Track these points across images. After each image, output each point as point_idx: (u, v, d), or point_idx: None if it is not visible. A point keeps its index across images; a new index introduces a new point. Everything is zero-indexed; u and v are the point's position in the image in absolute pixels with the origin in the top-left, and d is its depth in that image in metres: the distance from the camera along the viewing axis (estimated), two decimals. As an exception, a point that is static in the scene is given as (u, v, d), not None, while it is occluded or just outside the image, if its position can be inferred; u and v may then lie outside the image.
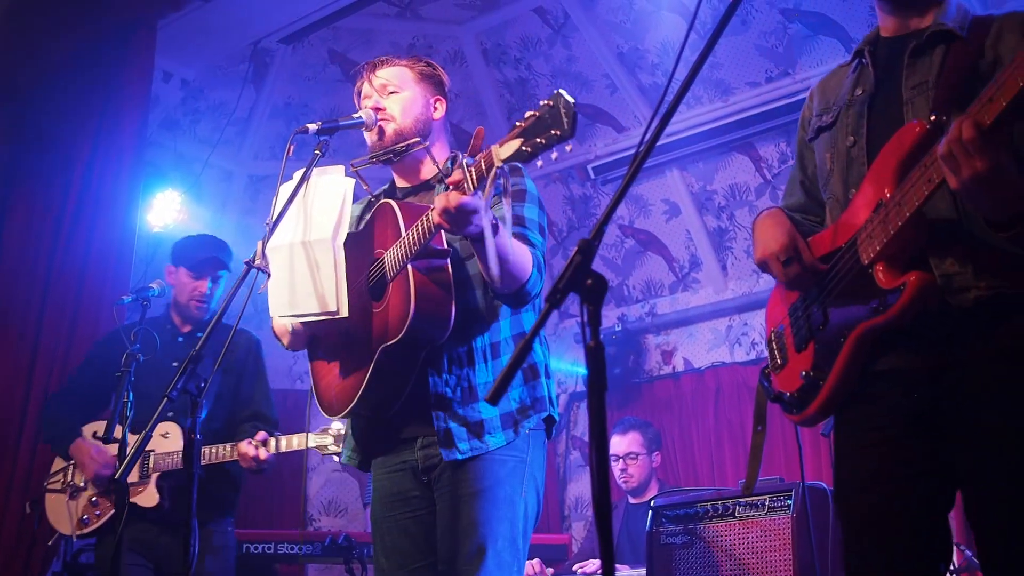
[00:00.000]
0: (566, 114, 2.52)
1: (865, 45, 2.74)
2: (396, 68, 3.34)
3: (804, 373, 2.64)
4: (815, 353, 2.64)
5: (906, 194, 2.36)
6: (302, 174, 3.12)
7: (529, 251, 3.00)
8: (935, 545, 2.53)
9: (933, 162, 2.29)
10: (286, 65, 7.56)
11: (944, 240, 2.43)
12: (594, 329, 1.72)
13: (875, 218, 2.44)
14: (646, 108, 7.44)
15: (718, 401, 7.70)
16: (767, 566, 4.39)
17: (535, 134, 2.56)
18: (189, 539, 2.80)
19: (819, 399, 2.61)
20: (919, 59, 2.57)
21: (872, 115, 2.63)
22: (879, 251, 2.42)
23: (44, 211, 6.33)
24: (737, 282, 7.81)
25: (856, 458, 2.62)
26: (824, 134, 2.76)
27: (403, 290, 2.95)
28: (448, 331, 2.99)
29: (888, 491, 2.53)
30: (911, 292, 2.38)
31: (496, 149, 2.62)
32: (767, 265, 2.69)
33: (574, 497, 8.41)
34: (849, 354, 2.52)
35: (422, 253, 2.93)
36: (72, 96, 6.44)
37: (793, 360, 2.74)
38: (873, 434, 2.57)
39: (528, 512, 3.13)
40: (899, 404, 2.53)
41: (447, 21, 7.55)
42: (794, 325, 2.75)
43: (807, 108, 2.91)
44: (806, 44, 6.77)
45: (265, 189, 7.97)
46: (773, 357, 2.83)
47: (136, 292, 4.74)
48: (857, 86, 2.70)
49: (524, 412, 3.12)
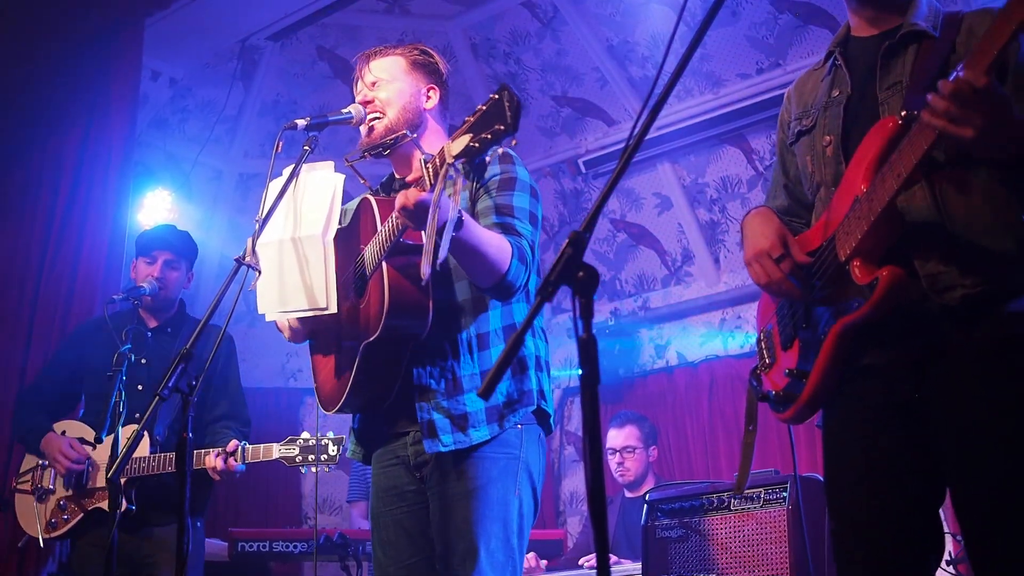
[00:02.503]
0: (509, 107, 2.51)
1: (836, 46, 2.75)
2: (388, 59, 3.31)
3: (788, 371, 2.65)
4: (799, 351, 2.65)
5: (877, 188, 2.38)
6: (291, 170, 3.10)
7: (509, 241, 2.96)
8: (926, 539, 2.54)
9: (899, 157, 2.32)
10: (274, 62, 7.54)
11: (927, 241, 2.44)
12: (586, 322, 1.71)
13: (851, 214, 2.46)
14: (636, 101, 7.43)
15: (712, 394, 7.70)
16: (763, 558, 4.39)
17: (482, 129, 2.55)
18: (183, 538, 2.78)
19: (803, 396, 2.61)
20: (892, 59, 2.59)
21: (848, 115, 2.64)
22: (855, 247, 2.44)
23: (34, 212, 6.32)
24: (730, 275, 7.81)
25: (843, 454, 2.64)
26: (804, 137, 2.77)
27: (379, 288, 2.95)
28: (427, 325, 2.97)
29: (876, 487, 2.54)
30: (884, 286, 2.38)
31: (448, 146, 2.62)
32: (756, 262, 2.65)
33: (569, 492, 8.41)
34: (830, 350, 2.52)
35: (396, 249, 2.92)
36: (60, 97, 6.43)
37: (780, 358, 2.75)
38: (859, 429, 2.58)
39: (524, 510, 3.10)
40: (885, 399, 2.54)
41: (435, 16, 7.54)
42: (781, 324, 2.77)
43: (785, 111, 2.92)
44: (797, 34, 6.76)
45: (255, 187, 7.95)
46: (762, 357, 2.85)
47: (127, 291, 4.71)
48: (833, 87, 2.71)
49: (510, 406, 3.09)
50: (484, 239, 2.87)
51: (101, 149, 6.27)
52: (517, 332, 1.79)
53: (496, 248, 2.91)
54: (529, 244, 3.04)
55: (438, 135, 3.33)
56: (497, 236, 2.95)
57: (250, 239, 2.92)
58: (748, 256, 2.68)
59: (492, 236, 2.93)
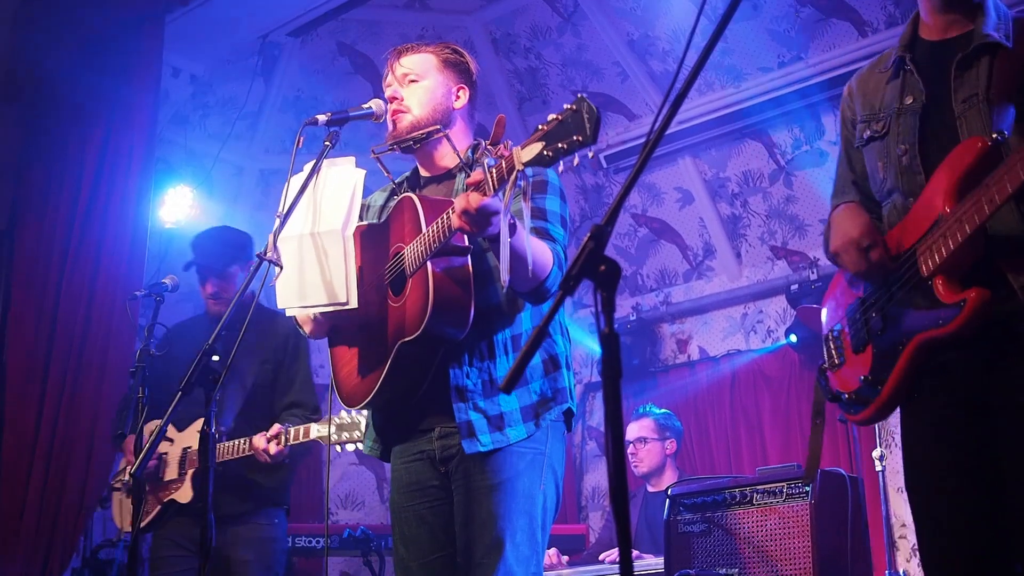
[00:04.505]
0: (589, 119, 2.46)
1: (904, 51, 2.77)
2: (420, 55, 3.30)
3: (863, 377, 2.75)
4: (874, 357, 2.73)
5: (966, 211, 2.44)
6: (312, 166, 3.10)
7: (549, 248, 2.97)
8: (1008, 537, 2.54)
9: (995, 183, 2.37)
10: (295, 58, 7.55)
11: (1018, 254, 2.51)
12: (608, 316, 1.71)
13: (935, 232, 2.52)
14: (658, 96, 7.40)
15: (734, 389, 7.67)
16: (786, 553, 4.38)
17: (557, 139, 2.51)
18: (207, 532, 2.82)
19: (877, 403, 2.72)
20: (966, 71, 2.62)
21: (924, 126, 2.68)
22: (939, 265, 2.51)
23: (57, 209, 6.35)
24: (751, 269, 7.78)
25: (920, 452, 2.71)
26: (876, 143, 2.81)
27: (422, 288, 2.93)
28: (467, 329, 2.97)
29: (952, 485, 2.59)
30: (972, 308, 2.46)
31: (518, 152, 2.58)
32: (844, 252, 2.72)
33: (591, 487, 8.40)
34: (907, 362, 2.62)
35: (442, 251, 2.91)
36: (82, 94, 6.45)
37: (850, 361, 2.84)
38: (934, 430, 2.66)
39: (547, 504, 3.11)
40: (955, 398, 2.61)
41: (456, 11, 7.54)
42: (851, 326, 2.84)
43: (847, 106, 2.96)
44: (818, 28, 6.72)
45: (276, 183, 7.96)
46: (830, 356, 2.93)
47: (149, 287, 4.76)
48: (905, 93, 2.74)
49: (545, 404, 3.10)
50: (531, 246, 2.85)
51: (123, 146, 6.29)
52: (539, 326, 1.78)
53: (540, 254, 2.91)
54: (563, 248, 3.06)
55: (465, 135, 3.32)
56: (541, 243, 2.95)
57: (271, 235, 2.93)
58: (836, 245, 2.77)
59: (537, 243, 2.92)
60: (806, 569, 4.30)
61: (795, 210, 7.43)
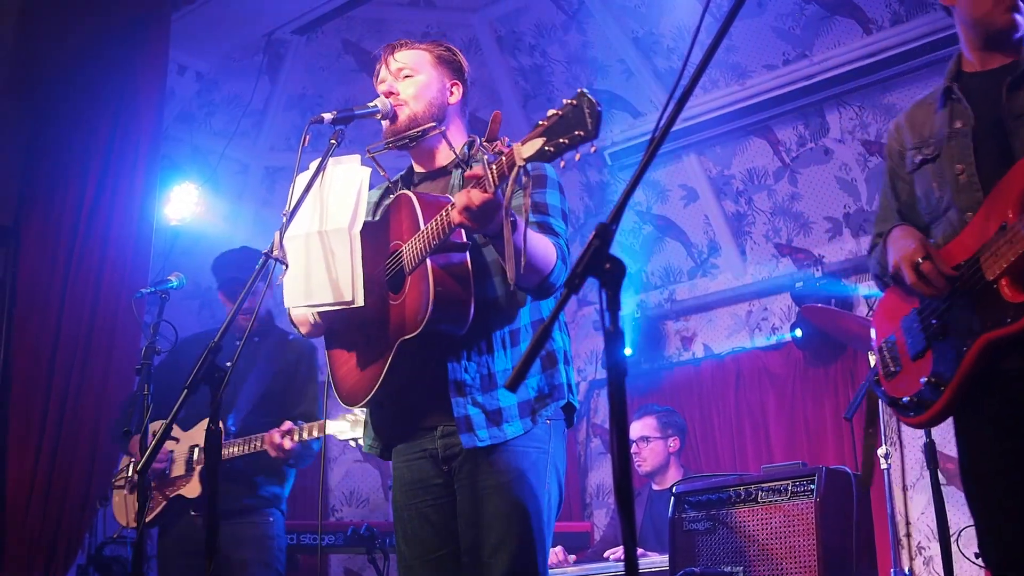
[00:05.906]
0: (590, 114, 2.47)
1: (951, 82, 3.01)
2: (413, 51, 3.31)
3: (925, 379, 2.88)
4: (935, 362, 2.89)
5: None
6: (318, 164, 3.11)
7: (552, 242, 2.97)
8: None
9: None
10: (300, 56, 7.55)
11: None
12: (613, 314, 1.71)
13: (1000, 238, 2.70)
14: (662, 93, 7.39)
15: (738, 386, 7.66)
16: (791, 551, 4.38)
17: (558, 134, 2.51)
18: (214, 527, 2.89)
19: (941, 402, 2.85)
20: (1016, 92, 2.87)
21: (978, 145, 2.89)
22: (1005, 268, 2.67)
23: (62, 205, 6.36)
24: (756, 267, 7.77)
25: (977, 448, 2.86)
26: (928, 166, 3.01)
27: (421, 285, 2.93)
28: (467, 326, 2.97)
29: (1016, 475, 2.74)
30: None
31: (518, 147, 2.58)
32: (905, 264, 2.87)
33: (595, 485, 8.39)
34: (973, 362, 2.76)
35: (441, 247, 2.91)
36: (87, 91, 6.46)
37: (908, 368, 3.00)
38: (993, 427, 2.80)
39: (551, 503, 3.11)
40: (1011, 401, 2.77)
41: (460, 8, 7.53)
42: (908, 334, 3.01)
43: (894, 140, 3.18)
44: (823, 25, 6.72)
45: (282, 180, 7.96)
46: (886, 365, 3.10)
47: (154, 285, 4.77)
48: (954, 119, 2.96)
49: (542, 400, 3.10)
50: (533, 241, 2.86)
51: (128, 143, 6.30)
52: (545, 324, 1.78)
53: (543, 250, 2.92)
54: (565, 243, 3.06)
55: (460, 131, 3.34)
56: (544, 238, 2.95)
57: (277, 233, 2.93)
58: (897, 259, 2.92)
59: (540, 238, 2.92)
60: (811, 567, 4.30)
61: (800, 207, 7.43)
